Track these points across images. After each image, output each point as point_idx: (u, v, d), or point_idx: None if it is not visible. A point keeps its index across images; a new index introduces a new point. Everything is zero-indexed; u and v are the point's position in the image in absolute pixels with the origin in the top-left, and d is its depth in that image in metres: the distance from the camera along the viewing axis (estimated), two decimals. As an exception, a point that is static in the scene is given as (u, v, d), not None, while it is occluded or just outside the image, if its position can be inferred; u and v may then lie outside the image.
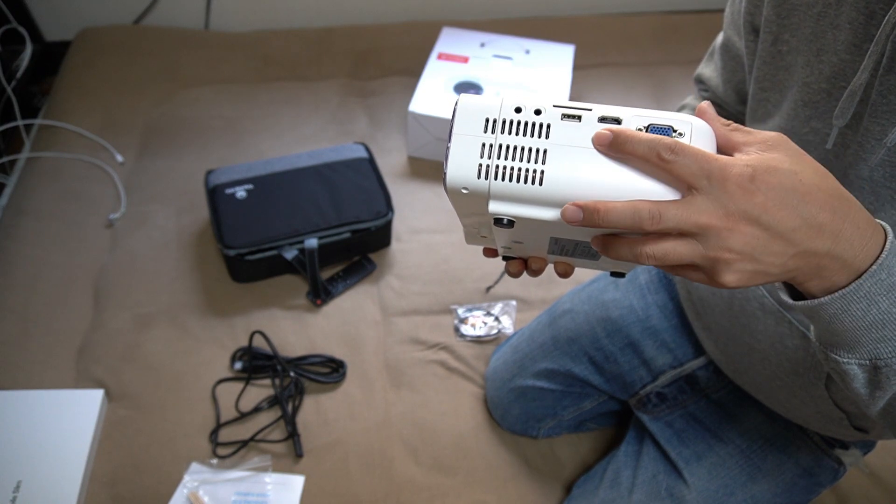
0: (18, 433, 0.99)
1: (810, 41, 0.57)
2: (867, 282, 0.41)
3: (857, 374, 0.46)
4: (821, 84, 0.56)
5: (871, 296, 0.41)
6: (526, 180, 0.40)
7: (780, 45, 0.59)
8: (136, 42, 1.66)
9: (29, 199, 1.33)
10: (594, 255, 0.49)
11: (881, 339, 0.43)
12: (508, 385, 1.01)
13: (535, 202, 0.41)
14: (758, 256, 0.40)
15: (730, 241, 0.39)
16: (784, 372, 0.70)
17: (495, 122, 0.41)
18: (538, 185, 0.40)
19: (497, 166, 0.40)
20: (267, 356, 1.11)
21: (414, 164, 1.45)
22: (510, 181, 0.40)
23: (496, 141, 0.40)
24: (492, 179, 0.40)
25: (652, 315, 0.91)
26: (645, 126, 0.40)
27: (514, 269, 0.53)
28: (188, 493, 0.96)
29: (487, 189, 0.41)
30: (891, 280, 0.41)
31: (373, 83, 1.63)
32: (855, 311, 0.42)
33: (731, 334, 0.76)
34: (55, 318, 1.15)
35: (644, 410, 0.91)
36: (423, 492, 1.00)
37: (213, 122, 1.50)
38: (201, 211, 1.32)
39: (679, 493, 0.83)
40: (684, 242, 0.40)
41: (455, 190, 0.41)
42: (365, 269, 1.26)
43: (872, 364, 0.45)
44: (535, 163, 0.40)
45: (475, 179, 0.41)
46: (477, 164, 0.40)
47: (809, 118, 0.58)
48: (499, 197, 0.41)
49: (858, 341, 0.44)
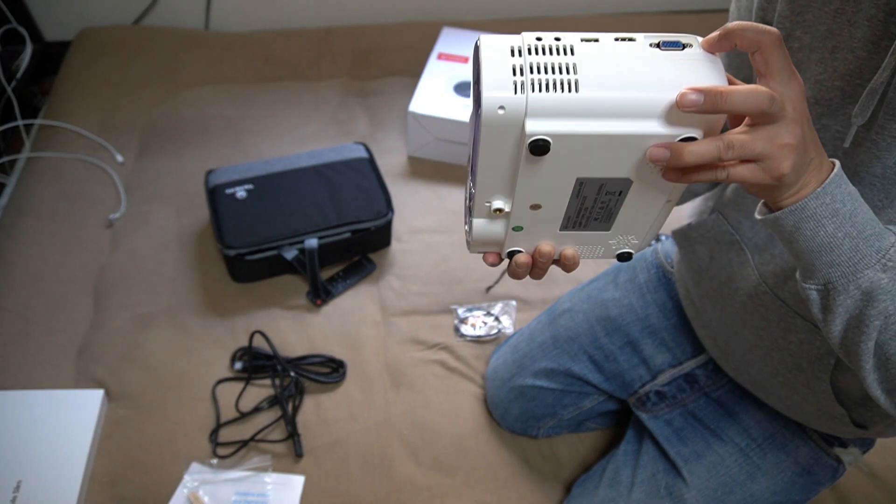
0: (18, 433, 0.99)
1: (825, 38, 0.56)
2: (812, 202, 0.47)
3: (815, 300, 0.52)
4: (834, 81, 0.56)
5: (816, 217, 0.47)
6: (562, 89, 0.40)
7: (792, 41, 0.59)
8: (136, 42, 1.66)
9: (29, 199, 1.33)
10: (608, 217, 0.50)
11: (830, 263, 0.49)
12: (508, 384, 1.01)
13: (573, 113, 0.41)
14: (801, 147, 0.45)
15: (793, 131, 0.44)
16: (786, 368, 0.70)
17: (520, 49, 0.41)
18: (575, 93, 0.40)
19: (531, 80, 0.40)
20: (267, 356, 1.11)
21: (414, 164, 1.46)
22: (546, 92, 0.40)
23: (525, 62, 0.41)
24: (528, 92, 0.40)
25: (651, 314, 0.91)
26: (657, 42, 0.42)
27: (522, 260, 0.53)
28: (188, 493, 0.96)
29: (525, 104, 0.41)
30: (834, 206, 0.47)
31: (373, 83, 1.63)
32: (805, 231, 0.48)
33: (732, 331, 0.76)
34: (55, 318, 1.15)
35: (643, 409, 0.91)
36: (423, 492, 1.00)
37: (213, 122, 1.50)
38: (201, 211, 1.32)
39: (678, 491, 0.83)
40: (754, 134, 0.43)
41: (491, 111, 0.41)
42: (365, 269, 1.26)
43: (826, 288, 0.51)
44: (567, 74, 0.41)
45: (512, 95, 0.40)
46: (511, 82, 0.40)
47: (821, 115, 0.58)
48: (536, 112, 0.41)
49: (814, 265, 0.50)
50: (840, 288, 0.50)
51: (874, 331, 0.50)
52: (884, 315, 0.50)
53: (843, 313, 0.51)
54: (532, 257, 0.54)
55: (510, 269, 0.55)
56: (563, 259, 0.54)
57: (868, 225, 0.49)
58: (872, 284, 0.49)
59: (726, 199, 0.73)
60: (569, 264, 0.54)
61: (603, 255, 0.55)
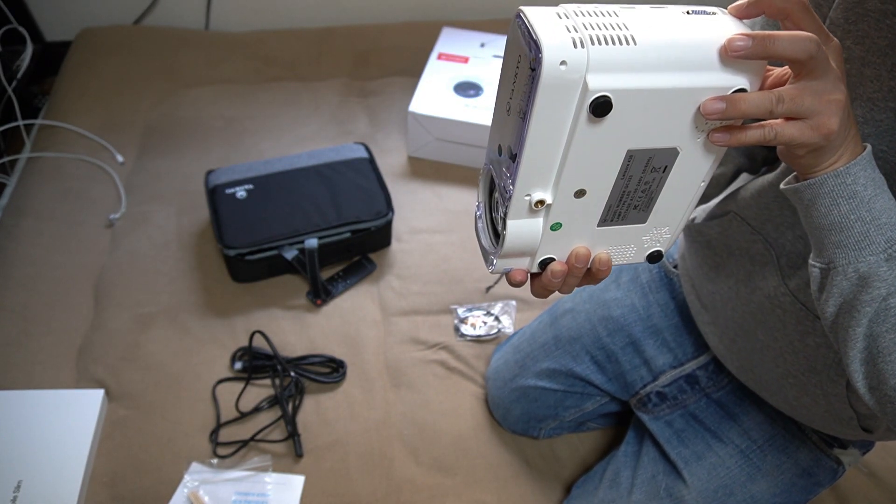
0: (18, 433, 0.99)
1: (884, 54, 0.53)
2: (831, 180, 0.47)
3: (816, 277, 0.52)
4: (889, 103, 0.53)
5: (833, 195, 0.47)
6: (620, 42, 0.40)
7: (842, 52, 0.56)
8: (136, 42, 1.66)
9: (29, 199, 1.33)
10: (649, 202, 0.50)
11: (838, 244, 0.49)
12: (510, 385, 1.01)
13: (634, 66, 0.41)
14: (847, 105, 0.45)
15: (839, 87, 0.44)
16: (799, 370, 0.69)
17: (566, 13, 0.41)
18: (634, 45, 0.41)
19: (589, 35, 0.40)
20: (267, 356, 1.11)
21: (414, 164, 1.46)
22: (606, 45, 0.40)
23: (576, 21, 0.41)
24: (589, 46, 0.40)
25: (653, 314, 0.91)
26: (687, 10, 0.43)
27: (558, 269, 0.51)
28: (188, 492, 0.96)
29: (587, 58, 0.40)
30: (854, 187, 0.47)
31: (373, 83, 1.63)
32: (820, 207, 0.49)
33: (743, 330, 0.75)
34: (55, 318, 1.15)
35: (644, 410, 0.91)
36: (423, 492, 1.00)
37: (213, 122, 1.50)
38: (201, 211, 1.32)
39: (678, 492, 0.83)
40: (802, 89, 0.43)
41: (553, 66, 0.40)
42: (365, 269, 1.26)
43: (828, 267, 0.51)
44: (620, 30, 0.41)
45: (572, 49, 0.40)
46: (570, 38, 0.40)
47: (868, 136, 0.55)
48: (598, 67, 0.40)
49: (823, 243, 0.50)
50: (840, 269, 0.50)
51: (865, 317, 0.50)
52: (876, 301, 0.49)
53: (838, 295, 0.51)
54: (567, 263, 0.52)
55: (541, 282, 0.53)
56: (597, 264, 0.52)
57: (885, 213, 0.48)
58: (871, 270, 0.49)
59: (743, 201, 0.71)
60: (602, 270, 0.52)
61: (634, 258, 0.55)
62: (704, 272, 0.79)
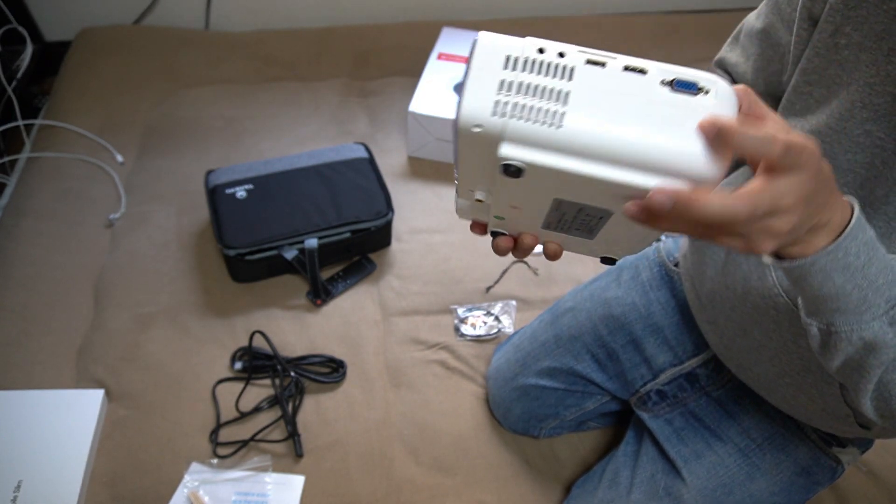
0: (18, 433, 0.99)
1: (880, 39, 0.53)
2: (822, 259, 0.45)
3: (816, 336, 0.52)
4: (887, 87, 0.53)
5: (825, 271, 0.45)
6: (544, 122, 0.38)
7: (840, 37, 0.56)
8: (136, 42, 1.66)
9: (29, 199, 1.33)
10: (590, 231, 0.48)
11: (836, 310, 0.48)
12: (511, 384, 1.01)
13: (551, 147, 0.39)
14: (800, 222, 0.41)
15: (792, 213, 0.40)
16: (794, 370, 0.70)
17: (516, 60, 0.38)
18: (556, 129, 0.38)
19: (514, 104, 0.38)
20: (267, 356, 1.11)
21: (414, 164, 1.46)
22: (527, 122, 0.38)
23: (516, 78, 0.38)
24: (507, 118, 0.38)
25: (654, 312, 0.91)
26: (670, 80, 0.39)
27: (503, 244, 0.52)
28: (188, 492, 0.96)
29: (501, 128, 0.38)
30: (847, 259, 0.45)
31: (373, 83, 1.63)
32: (812, 282, 0.47)
33: (740, 329, 0.75)
34: (55, 318, 1.15)
35: (644, 409, 0.91)
36: (423, 492, 1.00)
37: (213, 122, 1.50)
38: (201, 211, 1.32)
39: (677, 491, 0.83)
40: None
41: (467, 128, 0.39)
42: (365, 269, 1.26)
43: (828, 330, 0.50)
44: (556, 103, 0.38)
45: (489, 116, 0.38)
46: (493, 101, 0.38)
47: (866, 120, 0.55)
48: (513, 138, 0.39)
49: (818, 308, 0.49)
50: (843, 335, 0.49)
51: (874, 376, 0.50)
52: (885, 364, 0.49)
53: (843, 356, 0.50)
54: (514, 242, 0.52)
55: (493, 245, 0.54)
56: (546, 252, 0.53)
57: (881, 275, 0.47)
58: (876, 337, 0.48)
59: None
60: (551, 257, 0.53)
61: (588, 255, 0.54)
62: (703, 271, 0.80)
